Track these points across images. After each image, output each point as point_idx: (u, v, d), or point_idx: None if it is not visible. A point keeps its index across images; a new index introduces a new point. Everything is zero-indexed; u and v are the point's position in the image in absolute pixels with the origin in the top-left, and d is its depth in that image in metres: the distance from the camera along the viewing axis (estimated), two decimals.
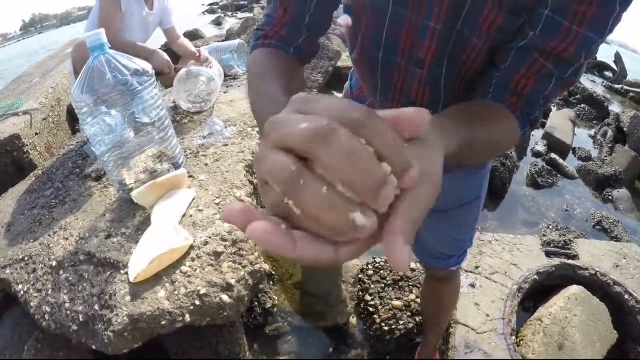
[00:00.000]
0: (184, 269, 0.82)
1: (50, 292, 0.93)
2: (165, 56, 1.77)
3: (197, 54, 1.85)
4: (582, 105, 4.23)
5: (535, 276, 1.53)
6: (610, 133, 3.44)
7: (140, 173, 1.02)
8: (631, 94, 5.24)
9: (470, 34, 0.54)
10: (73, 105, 0.97)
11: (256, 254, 0.86)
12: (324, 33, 0.63)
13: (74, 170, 1.47)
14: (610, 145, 3.31)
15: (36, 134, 2.26)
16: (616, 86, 5.53)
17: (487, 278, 1.50)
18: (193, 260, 0.84)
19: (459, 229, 0.89)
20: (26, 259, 1.04)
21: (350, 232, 0.21)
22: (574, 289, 1.46)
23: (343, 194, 0.20)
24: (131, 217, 1.04)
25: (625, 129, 3.34)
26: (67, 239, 1.07)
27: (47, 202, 1.28)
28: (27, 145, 2.11)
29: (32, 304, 0.92)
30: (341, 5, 0.65)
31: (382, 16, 0.58)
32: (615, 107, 4.55)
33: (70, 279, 0.94)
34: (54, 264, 0.99)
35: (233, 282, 0.81)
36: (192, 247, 0.86)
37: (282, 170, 0.20)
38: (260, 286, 1.24)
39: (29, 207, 1.29)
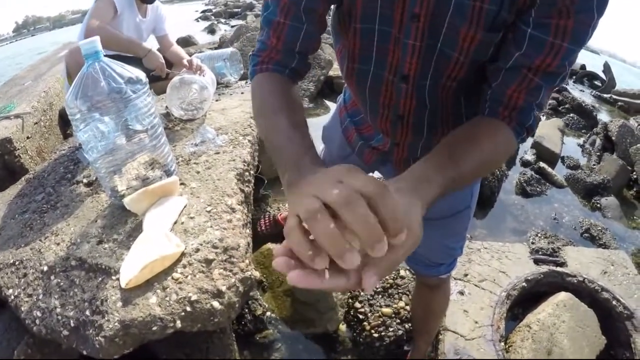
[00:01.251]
0: (175, 275, 0.83)
1: (41, 297, 0.93)
2: (161, 57, 1.78)
3: (189, 63, 1.85)
4: (571, 115, 4.29)
5: (524, 283, 1.55)
6: (598, 142, 3.49)
7: (132, 180, 1.03)
8: (619, 103, 5.33)
9: (452, 49, 0.57)
10: (67, 111, 0.98)
11: (247, 261, 0.87)
12: (314, 52, 0.68)
13: (65, 175, 1.46)
14: (598, 153, 3.36)
15: (27, 137, 2.24)
16: (605, 95, 5.63)
17: (475, 285, 1.52)
18: (184, 267, 0.84)
19: (450, 237, 0.91)
20: (17, 263, 1.03)
21: (345, 262, 0.30)
22: (562, 296, 1.49)
23: (349, 237, 0.30)
24: (123, 223, 1.04)
25: (613, 138, 3.39)
26: (58, 244, 1.06)
27: (38, 206, 1.27)
28: (19, 149, 2.10)
29: (22, 309, 0.92)
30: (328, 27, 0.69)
31: (371, 33, 0.62)
32: (603, 116, 4.62)
33: (62, 284, 0.94)
34: (45, 268, 0.98)
35: (224, 288, 0.81)
36: (183, 254, 0.87)
37: (310, 206, 0.31)
38: (251, 293, 1.24)
39: (19, 212, 1.28)
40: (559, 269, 1.64)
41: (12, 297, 0.95)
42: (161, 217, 0.95)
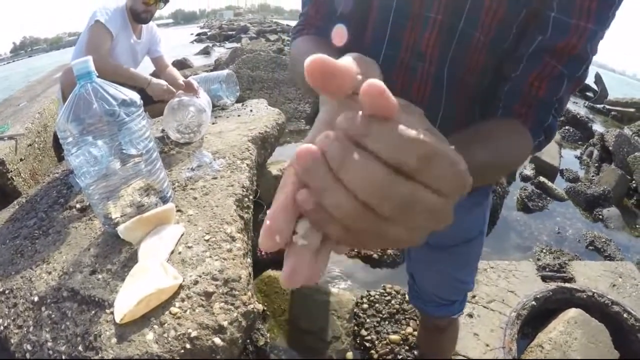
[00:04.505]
0: (174, 309, 0.78)
1: (31, 329, 0.88)
2: (163, 83, 1.75)
3: (184, 85, 1.82)
4: (567, 127, 4.32)
5: (533, 302, 1.52)
6: (596, 153, 3.50)
7: (126, 207, 0.98)
8: (612, 113, 5.39)
9: (473, 28, 0.55)
10: (58, 135, 0.94)
11: (249, 293, 0.82)
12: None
13: (58, 200, 1.42)
14: (596, 164, 3.36)
15: (21, 159, 2.20)
16: (598, 106, 5.69)
17: (484, 307, 1.48)
18: (183, 300, 0.79)
19: (462, 268, 0.84)
20: (7, 292, 0.98)
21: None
22: (572, 312, 1.46)
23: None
24: (117, 252, 0.99)
25: (610, 148, 3.41)
26: (49, 272, 1.02)
27: (29, 232, 1.23)
28: (12, 172, 2.06)
29: (12, 341, 0.87)
30: None
31: (387, 12, 0.59)
32: (597, 127, 4.67)
33: (53, 316, 0.89)
34: (36, 299, 0.94)
35: (225, 324, 0.76)
36: (181, 287, 0.82)
37: (335, 148, 0.20)
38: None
39: (10, 237, 1.23)
40: (567, 284, 1.62)
41: (2, 327, 0.90)
42: (157, 247, 0.91)
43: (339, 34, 0.60)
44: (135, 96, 0.97)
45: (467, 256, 0.83)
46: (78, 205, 1.31)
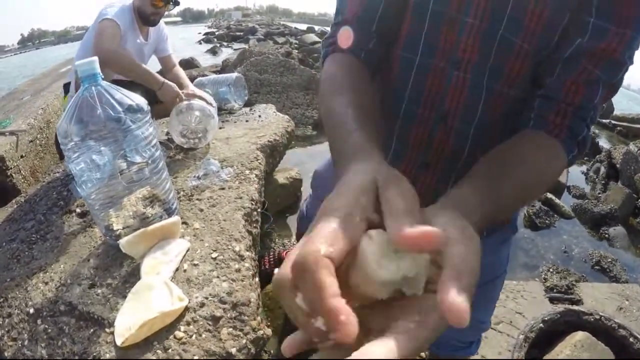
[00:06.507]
0: (178, 334, 0.74)
1: (26, 342, 0.84)
2: (175, 88, 1.68)
3: (180, 99, 1.70)
4: None
5: (541, 324, 1.48)
6: (602, 169, 3.46)
7: (129, 218, 0.94)
8: (618, 128, 5.36)
9: (515, 35, 0.51)
10: (58, 140, 0.89)
11: (258, 318, 0.78)
12: (393, 41, 0.61)
13: (57, 202, 1.39)
14: (603, 182, 3.33)
15: (22, 156, 2.17)
16: (604, 120, 5.66)
17: (492, 328, 1.45)
18: (188, 324, 0.75)
19: (484, 308, 0.80)
20: (1, 300, 0.95)
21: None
22: (579, 336, 1.43)
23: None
24: (118, 265, 0.95)
25: (617, 165, 3.37)
26: (46, 283, 0.98)
27: (27, 235, 1.20)
28: (11, 168, 2.02)
29: (6, 354, 0.84)
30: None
31: (422, 15, 0.56)
32: (603, 141, 4.64)
33: (49, 330, 0.86)
34: (32, 310, 0.90)
35: (234, 351, 0.72)
36: (186, 309, 0.78)
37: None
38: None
39: (7, 239, 1.20)
40: (575, 307, 1.59)
41: None
42: (161, 263, 0.86)
43: (345, 37, 0.57)
44: (142, 102, 0.93)
45: (491, 295, 0.79)
46: (78, 210, 1.27)
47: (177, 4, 1.91)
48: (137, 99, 0.92)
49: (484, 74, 0.55)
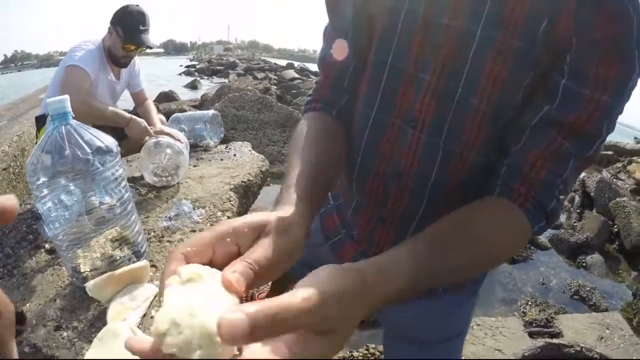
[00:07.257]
0: None
1: None
2: (143, 123, 1.68)
3: (156, 127, 1.76)
4: None
5: None
6: (577, 199, 3.55)
7: (97, 260, 0.91)
8: None
9: (472, 95, 0.48)
10: (27, 178, 0.87)
11: None
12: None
13: (26, 236, 1.34)
14: (578, 210, 3.40)
15: None
16: None
17: None
18: None
19: None
20: None
21: None
22: None
23: None
24: (84, 308, 0.91)
25: (592, 194, 3.46)
26: None
27: None
28: None
29: None
30: None
31: (380, 71, 0.56)
32: None
33: None
34: None
35: None
36: None
37: None
38: None
39: None
40: (555, 340, 1.58)
41: None
42: (128, 309, 0.83)
43: (339, 49, 0.60)
44: (111, 143, 0.91)
45: (444, 355, 0.73)
46: (47, 246, 1.23)
47: (149, 47, 1.92)
48: (107, 140, 0.90)
49: (441, 135, 0.52)
